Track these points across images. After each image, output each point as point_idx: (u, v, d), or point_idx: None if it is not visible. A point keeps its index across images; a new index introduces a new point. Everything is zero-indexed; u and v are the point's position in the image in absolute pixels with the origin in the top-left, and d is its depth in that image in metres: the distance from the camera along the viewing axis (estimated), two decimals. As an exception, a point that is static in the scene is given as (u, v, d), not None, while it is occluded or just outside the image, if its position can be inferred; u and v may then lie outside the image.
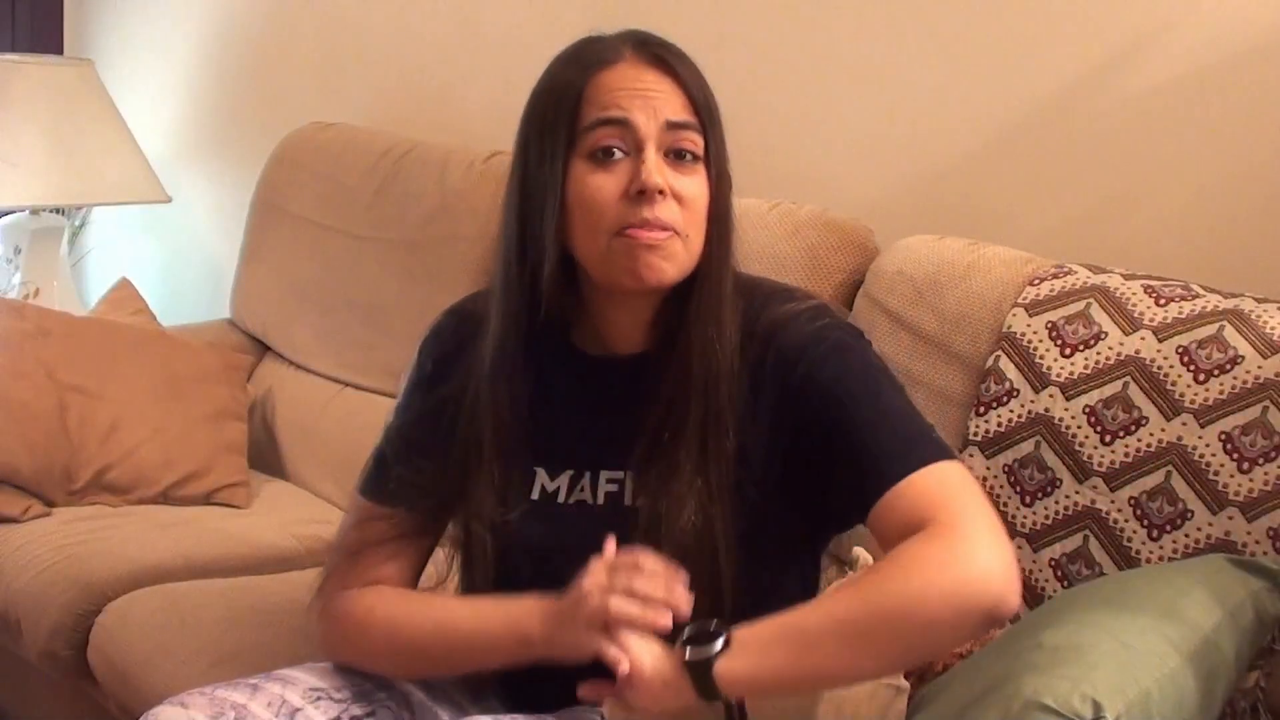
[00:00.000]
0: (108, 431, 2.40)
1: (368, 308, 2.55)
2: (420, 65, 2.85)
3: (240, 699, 1.37)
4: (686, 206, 1.32)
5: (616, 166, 1.31)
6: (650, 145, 1.30)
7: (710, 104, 1.35)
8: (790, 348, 1.35)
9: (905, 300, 1.79)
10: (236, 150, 3.26)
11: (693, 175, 1.33)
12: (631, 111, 1.30)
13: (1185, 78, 1.83)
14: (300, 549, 2.27)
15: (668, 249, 1.31)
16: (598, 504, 1.40)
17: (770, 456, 1.35)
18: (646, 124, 1.30)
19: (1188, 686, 1.22)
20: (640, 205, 1.30)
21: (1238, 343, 1.53)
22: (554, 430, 1.41)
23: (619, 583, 1.23)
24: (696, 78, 1.35)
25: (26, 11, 3.63)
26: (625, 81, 1.31)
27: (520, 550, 1.40)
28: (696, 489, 1.33)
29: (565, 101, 1.32)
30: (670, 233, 1.31)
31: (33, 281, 3.17)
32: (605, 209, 1.31)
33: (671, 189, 1.31)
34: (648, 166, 1.29)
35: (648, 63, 1.32)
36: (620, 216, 1.31)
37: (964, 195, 2.06)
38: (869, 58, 2.15)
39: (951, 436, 1.70)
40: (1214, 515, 1.49)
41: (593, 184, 1.31)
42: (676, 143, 1.32)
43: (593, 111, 1.31)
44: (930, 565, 1.20)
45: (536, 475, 1.42)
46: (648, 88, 1.31)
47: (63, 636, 2.05)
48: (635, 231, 1.30)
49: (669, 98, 1.32)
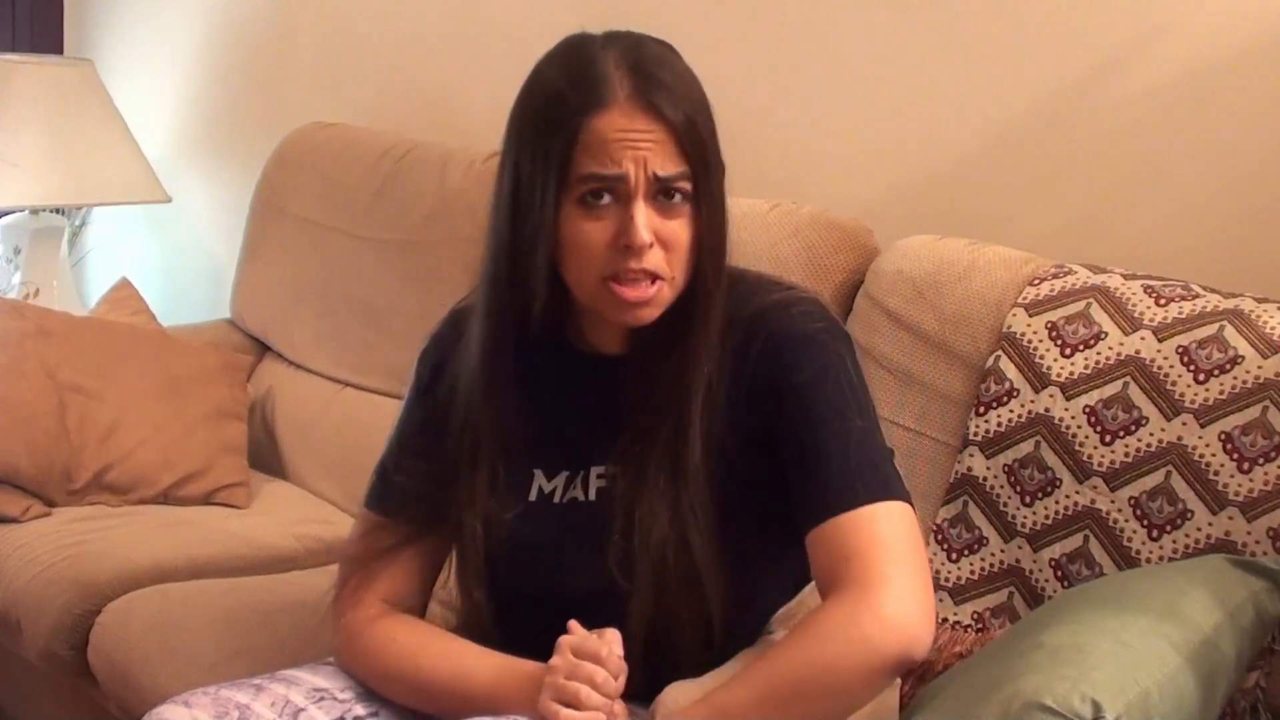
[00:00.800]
0: (108, 431, 2.40)
1: (368, 308, 2.55)
2: (420, 65, 2.85)
3: (244, 699, 1.38)
4: (672, 250, 1.32)
5: (605, 212, 1.31)
6: (639, 198, 1.30)
7: (701, 138, 1.32)
8: (776, 340, 1.36)
9: (905, 300, 1.79)
10: (236, 150, 3.26)
11: (679, 216, 1.32)
12: (623, 164, 1.29)
13: (1185, 78, 1.83)
14: (300, 549, 2.27)
15: (654, 299, 1.33)
16: (589, 499, 1.41)
17: (746, 445, 1.36)
18: (636, 176, 1.30)
19: (1188, 687, 1.22)
20: (627, 257, 1.30)
21: (1238, 343, 1.53)
22: (550, 430, 1.43)
23: (580, 674, 1.27)
24: (691, 109, 1.31)
25: (26, 11, 3.63)
26: (617, 131, 1.29)
27: (513, 550, 1.41)
28: (670, 496, 1.34)
29: (558, 142, 1.30)
30: (656, 283, 1.32)
31: (33, 281, 3.17)
32: (594, 256, 1.31)
33: (658, 235, 1.31)
34: (636, 223, 1.29)
35: (641, 108, 1.30)
36: (608, 263, 1.31)
37: (964, 195, 2.06)
38: (869, 58, 2.15)
39: (951, 436, 1.71)
40: (1214, 515, 1.49)
41: (584, 230, 1.31)
42: (665, 188, 1.31)
43: (586, 161, 1.30)
44: (838, 631, 1.26)
45: (534, 477, 1.43)
46: (640, 139, 1.30)
47: (63, 636, 2.05)
48: (620, 289, 1.31)
49: (660, 149, 1.30)
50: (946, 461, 1.70)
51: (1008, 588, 1.63)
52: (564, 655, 1.28)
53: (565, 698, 1.26)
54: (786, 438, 1.35)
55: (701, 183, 1.32)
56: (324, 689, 1.42)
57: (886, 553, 1.29)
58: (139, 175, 3.15)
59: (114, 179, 3.12)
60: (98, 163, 3.09)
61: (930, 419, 1.73)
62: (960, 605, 1.65)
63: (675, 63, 1.35)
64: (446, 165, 2.49)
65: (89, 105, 3.12)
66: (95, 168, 3.09)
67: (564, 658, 1.28)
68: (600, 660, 1.27)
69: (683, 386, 1.35)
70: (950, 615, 1.65)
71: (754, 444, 1.36)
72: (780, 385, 1.35)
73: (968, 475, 1.66)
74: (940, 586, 1.67)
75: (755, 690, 1.27)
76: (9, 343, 2.44)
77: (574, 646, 1.29)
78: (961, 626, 1.64)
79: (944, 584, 1.67)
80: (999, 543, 1.64)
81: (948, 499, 1.68)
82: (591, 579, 1.35)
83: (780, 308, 1.38)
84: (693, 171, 1.31)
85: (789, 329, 1.37)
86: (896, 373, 1.77)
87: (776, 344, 1.36)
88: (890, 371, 1.77)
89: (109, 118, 3.15)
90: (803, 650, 1.27)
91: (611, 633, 1.29)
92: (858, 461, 1.32)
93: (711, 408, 1.35)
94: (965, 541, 1.66)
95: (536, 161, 1.32)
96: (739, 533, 1.37)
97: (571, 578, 1.38)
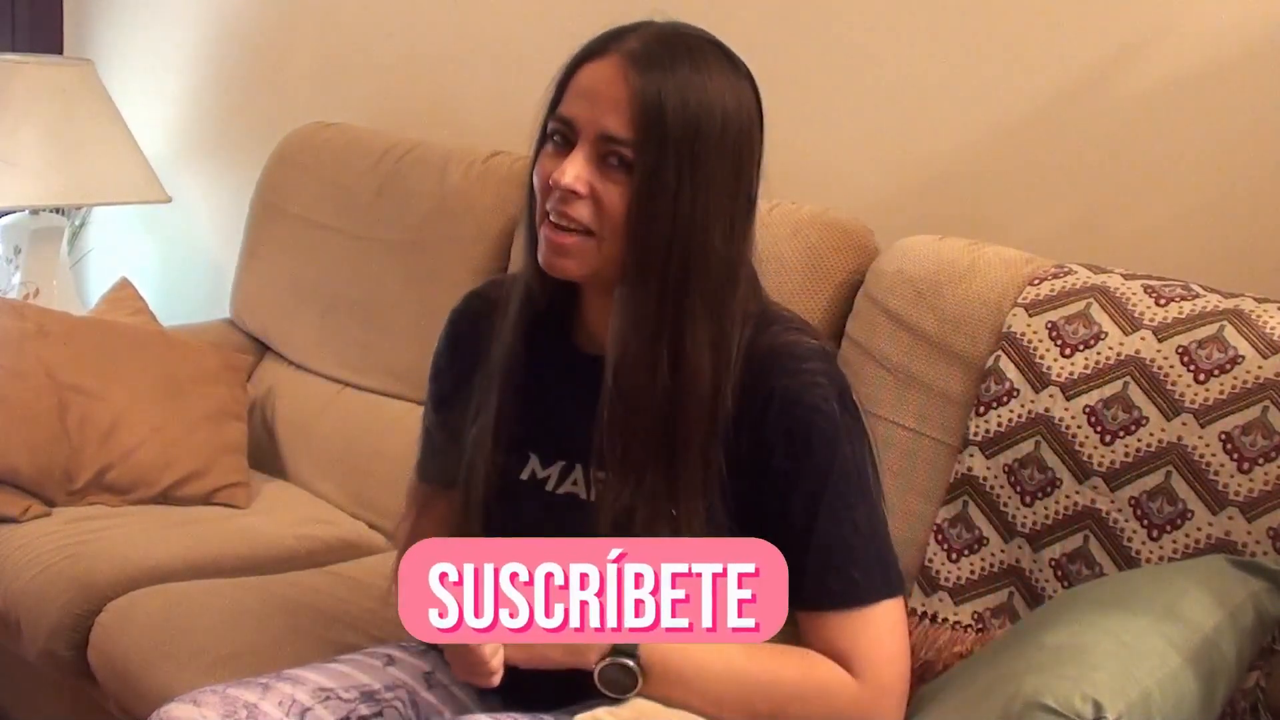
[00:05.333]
0: (108, 431, 2.40)
1: (368, 308, 2.55)
2: (420, 65, 2.85)
3: (252, 698, 1.39)
4: (603, 210, 1.32)
5: (558, 156, 1.34)
6: (581, 147, 1.32)
7: (665, 122, 1.30)
8: (791, 402, 1.35)
9: (905, 300, 1.79)
10: (236, 150, 3.26)
11: (615, 182, 1.32)
12: (577, 111, 1.33)
13: (1185, 78, 1.83)
14: (300, 549, 2.27)
15: (572, 249, 1.34)
16: (590, 499, 1.42)
17: (740, 476, 1.36)
18: (585, 127, 1.32)
19: (1188, 687, 1.22)
20: (555, 198, 1.33)
21: (1238, 343, 1.53)
22: (549, 421, 1.45)
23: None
24: (678, 97, 1.30)
25: (26, 11, 3.62)
26: (592, 80, 1.33)
27: (511, 527, 1.44)
28: (667, 511, 1.34)
29: (559, 82, 1.37)
30: (576, 234, 1.33)
31: (33, 281, 3.17)
32: (538, 193, 1.36)
33: (593, 191, 1.32)
34: (564, 165, 1.32)
35: (624, 70, 1.31)
36: (545, 204, 1.35)
37: (964, 195, 2.06)
38: (870, 58, 2.15)
39: (951, 436, 1.71)
40: (1214, 515, 1.49)
41: (539, 168, 1.37)
42: (610, 150, 1.32)
43: (563, 102, 1.35)
44: (841, 701, 1.32)
45: (529, 460, 1.46)
46: (604, 93, 1.31)
47: (63, 636, 2.05)
48: (545, 230, 1.35)
49: (617, 107, 1.30)
50: (946, 461, 1.70)
51: (1008, 588, 1.63)
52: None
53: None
54: (789, 510, 1.35)
55: (645, 158, 1.30)
56: (329, 689, 1.43)
57: (892, 661, 1.34)
58: (139, 175, 3.15)
59: (114, 179, 3.12)
60: (98, 163, 3.09)
61: (930, 419, 1.73)
62: (960, 605, 1.65)
63: (700, 58, 1.34)
64: (446, 165, 2.49)
65: (89, 105, 3.12)
66: (95, 168, 3.09)
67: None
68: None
69: (680, 392, 1.34)
70: (950, 615, 1.65)
71: (747, 478, 1.36)
72: (793, 450, 1.35)
73: (968, 475, 1.66)
74: (940, 586, 1.67)
75: (740, 689, 1.31)
76: (9, 343, 2.44)
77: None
78: (961, 626, 1.64)
79: (944, 584, 1.67)
80: (999, 543, 1.64)
81: (948, 499, 1.68)
82: None
83: (798, 365, 1.36)
84: (639, 143, 1.30)
85: (805, 399, 1.35)
86: (896, 373, 1.77)
87: (792, 408, 1.35)
88: (890, 371, 1.77)
89: (109, 118, 3.15)
90: (801, 687, 1.32)
91: None
92: (853, 560, 1.34)
93: (713, 422, 1.35)
94: (965, 541, 1.66)
95: (546, 101, 1.38)
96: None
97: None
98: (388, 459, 2.39)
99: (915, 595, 1.68)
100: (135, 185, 3.15)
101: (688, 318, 1.33)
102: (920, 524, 1.70)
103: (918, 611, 1.67)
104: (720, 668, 1.32)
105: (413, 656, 1.53)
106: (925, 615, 1.66)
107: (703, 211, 1.32)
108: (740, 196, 1.37)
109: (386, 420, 2.46)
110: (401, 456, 2.24)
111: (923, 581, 1.68)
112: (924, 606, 1.67)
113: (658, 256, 1.32)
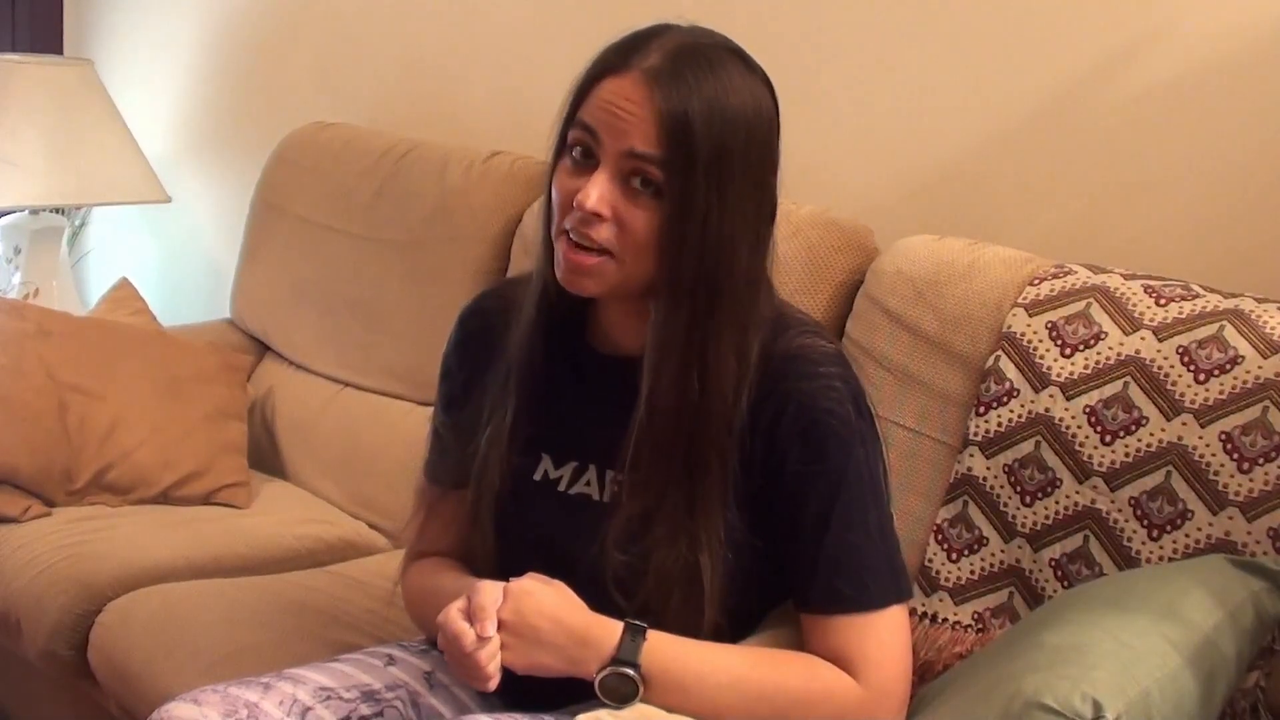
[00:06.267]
0: (108, 431, 2.40)
1: (368, 308, 2.55)
2: (420, 65, 2.85)
3: (253, 697, 1.39)
4: (627, 232, 1.31)
5: (580, 170, 1.32)
6: (605, 168, 1.30)
7: (694, 141, 1.28)
8: (806, 406, 1.34)
9: (905, 300, 1.79)
10: (236, 150, 3.26)
11: (642, 205, 1.30)
12: (601, 128, 1.30)
13: (1185, 78, 1.83)
14: (300, 549, 2.27)
15: (592, 270, 1.32)
16: (603, 500, 1.42)
17: (752, 476, 1.36)
18: (610, 145, 1.30)
19: (1188, 686, 1.22)
20: (576, 218, 1.31)
21: (1238, 343, 1.53)
22: (563, 422, 1.45)
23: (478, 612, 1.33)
24: (704, 114, 1.28)
25: (26, 11, 3.62)
26: (615, 97, 1.30)
27: (522, 526, 1.44)
28: (685, 522, 1.34)
29: (578, 92, 1.34)
30: (597, 256, 1.32)
31: (33, 281, 3.17)
32: (557, 207, 1.34)
33: (615, 213, 1.30)
34: (588, 188, 1.29)
35: (648, 86, 1.29)
36: (565, 219, 1.33)
37: (964, 195, 2.06)
38: (870, 58, 2.15)
39: (951, 436, 1.71)
40: (1214, 515, 1.49)
41: (558, 181, 1.35)
42: (635, 170, 1.30)
43: (584, 114, 1.32)
44: (845, 706, 1.31)
45: (542, 460, 1.46)
46: (628, 111, 1.29)
47: (63, 636, 2.05)
48: (565, 249, 1.33)
49: (643, 125, 1.28)
50: (946, 461, 1.71)
51: (1008, 588, 1.63)
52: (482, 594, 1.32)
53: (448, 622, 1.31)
54: (800, 513, 1.35)
55: (674, 180, 1.29)
56: (330, 688, 1.43)
57: (896, 666, 1.34)
58: (139, 175, 3.15)
59: (114, 179, 3.12)
60: (98, 163, 3.09)
61: (930, 419, 1.73)
62: (960, 605, 1.65)
63: (722, 71, 1.31)
64: (446, 165, 2.49)
65: (89, 105, 3.12)
66: (95, 168, 3.09)
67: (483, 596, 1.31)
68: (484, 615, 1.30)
69: (706, 403, 1.33)
70: (950, 615, 1.65)
71: (761, 480, 1.36)
72: (803, 466, 1.34)
73: (968, 475, 1.66)
74: (940, 586, 1.67)
75: (741, 697, 1.31)
76: (9, 343, 2.44)
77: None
78: (961, 626, 1.64)
79: (944, 584, 1.67)
80: (999, 543, 1.64)
81: (948, 499, 1.68)
82: (587, 585, 1.35)
83: (813, 369, 1.36)
84: (666, 161, 1.28)
85: (815, 401, 1.35)
86: (896, 373, 1.77)
87: (803, 419, 1.34)
88: (890, 371, 1.77)
89: (109, 118, 3.15)
90: (803, 693, 1.32)
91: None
92: (862, 564, 1.34)
93: (730, 426, 1.35)
94: (965, 541, 1.66)
95: (564, 110, 1.35)
96: (747, 557, 1.37)
97: (568, 576, 1.38)
98: (388, 459, 2.39)
99: (915, 595, 1.68)
100: (135, 185, 3.15)
101: (715, 333, 1.33)
102: (920, 524, 1.70)
103: (918, 611, 1.67)
104: (721, 676, 1.32)
105: (413, 656, 1.53)
106: (925, 615, 1.66)
107: (730, 230, 1.31)
108: (764, 208, 1.36)
109: (386, 420, 2.46)
110: (401, 456, 2.25)
111: (923, 581, 1.68)
112: (924, 606, 1.67)
113: (689, 278, 1.31)
